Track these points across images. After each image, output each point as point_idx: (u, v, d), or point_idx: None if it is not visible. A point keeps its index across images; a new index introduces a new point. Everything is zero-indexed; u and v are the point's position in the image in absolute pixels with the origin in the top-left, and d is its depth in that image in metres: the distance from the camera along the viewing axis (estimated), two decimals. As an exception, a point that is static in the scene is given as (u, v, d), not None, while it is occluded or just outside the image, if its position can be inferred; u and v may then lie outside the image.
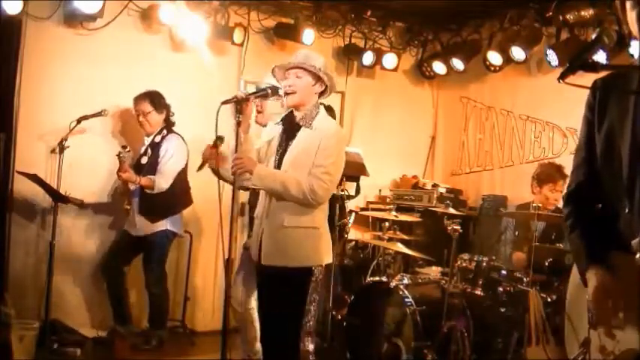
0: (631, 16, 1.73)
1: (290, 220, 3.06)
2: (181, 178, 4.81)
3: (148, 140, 4.83)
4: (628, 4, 1.74)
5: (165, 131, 4.80)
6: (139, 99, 4.75)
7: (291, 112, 3.21)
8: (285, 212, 3.07)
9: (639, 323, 1.70)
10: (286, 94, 3.12)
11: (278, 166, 3.13)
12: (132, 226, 4.78)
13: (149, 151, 4.78)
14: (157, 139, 4.78)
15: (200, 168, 3.44)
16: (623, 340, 1.75)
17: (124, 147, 4.57)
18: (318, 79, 3.12)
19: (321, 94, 3.20)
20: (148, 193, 4.66)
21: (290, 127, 3.18)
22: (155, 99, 4.73)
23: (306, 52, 3.23)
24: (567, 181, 4.58)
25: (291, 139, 3.13)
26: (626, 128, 1.78)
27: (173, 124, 4.87)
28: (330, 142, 3.06)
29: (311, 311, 3.08)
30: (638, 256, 1.72)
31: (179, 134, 4.84)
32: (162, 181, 4.66)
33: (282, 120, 3.26)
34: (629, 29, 1.75)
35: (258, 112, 3.83)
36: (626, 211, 1.77)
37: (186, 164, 4.82)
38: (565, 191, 2.08)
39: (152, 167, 4.71)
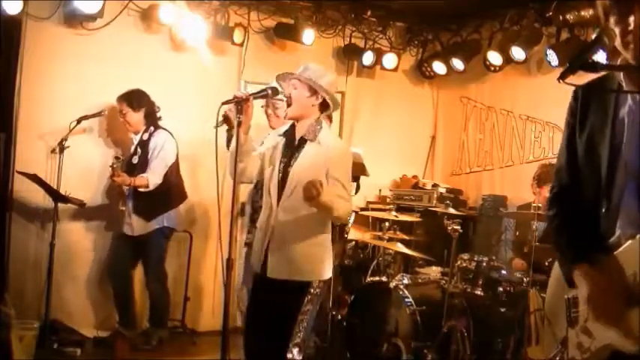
0: (616, 30, 1.76)
1: (298, 235, 3.03)
2: (173, 173, 4.81)
3: (136, 139, 4.83)
4: (612, 20, 1.76)
5: (152, 128, 4.79)
6: (117, 100, 4.75)
7: (293, 125, 3.17)
8: (292, 226, 3.04)
9: (617, 320, 1.73)
10: (287, 105, 3.11)
11: (282, 179, 3.08)
12: (128, 227, 4.78)
13: (139, 149, 4.78)
14: (145, 136, 4.78)
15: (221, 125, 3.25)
16: (598, 338, 1.80)
17: (116, 158, 4.58)
18: (314, 91, 3.07)
19: (324, 109, 3.15)
20: (142, 193, 4.65)
21: (292, 142, 3.13)
22: (132, 98, 4.72)
23: (308, 64, 3.16)
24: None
25: (295, 153, 3.09)
26: (606, 131, 1.83)
27: (159, 119, 4.85)
28: (344, 161, 3.11)
29: (303, 322, 3.05)
30: (618, 250, 1.76)
31: (167, 129, 4.84)
32: (155, 176, 4.66)
33: (284, 133, 3.20)
34: (611, 38, 1.77)
35: (277, 116, 3.92)
36: (604, 210, 1.82)
37: (177, 159, 4.83)
38: (548, 194, 2.11)
39: (143, 165, 4.71)
